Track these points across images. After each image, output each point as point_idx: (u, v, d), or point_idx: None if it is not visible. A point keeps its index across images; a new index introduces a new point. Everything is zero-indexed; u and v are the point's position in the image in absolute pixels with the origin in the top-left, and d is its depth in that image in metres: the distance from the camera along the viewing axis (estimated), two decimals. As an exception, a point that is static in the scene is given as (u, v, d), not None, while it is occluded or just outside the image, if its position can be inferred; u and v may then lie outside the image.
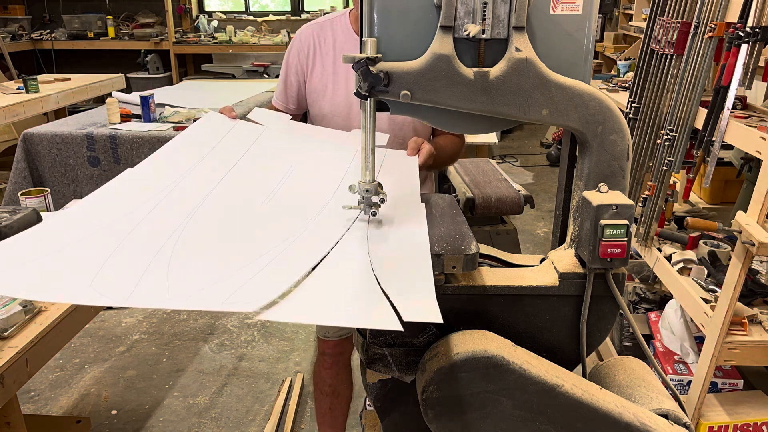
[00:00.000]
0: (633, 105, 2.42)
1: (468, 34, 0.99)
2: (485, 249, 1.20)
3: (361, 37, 1.02)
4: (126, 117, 3.89)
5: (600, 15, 5.88)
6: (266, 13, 7.59)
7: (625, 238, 1.01)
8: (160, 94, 4.79)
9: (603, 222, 1.01)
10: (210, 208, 1.13)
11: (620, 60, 5.00)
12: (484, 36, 1.00)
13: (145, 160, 1.31)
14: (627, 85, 4.17)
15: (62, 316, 1.60)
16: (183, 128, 3.67)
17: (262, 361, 2.71)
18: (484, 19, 0.99)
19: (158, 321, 3.03)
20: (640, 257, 2.40)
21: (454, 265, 1.01)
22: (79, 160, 3.65)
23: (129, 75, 6.69)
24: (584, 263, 1.08)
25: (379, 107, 1.08)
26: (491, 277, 1.12)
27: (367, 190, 1.07)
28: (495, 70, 1.01)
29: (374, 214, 1.10)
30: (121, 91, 5.04)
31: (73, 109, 5.61)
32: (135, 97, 4.00)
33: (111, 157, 3.64)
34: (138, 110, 3.89)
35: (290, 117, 1.71)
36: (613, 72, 5.13)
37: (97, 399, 2.44)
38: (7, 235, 1.71)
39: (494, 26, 1.00)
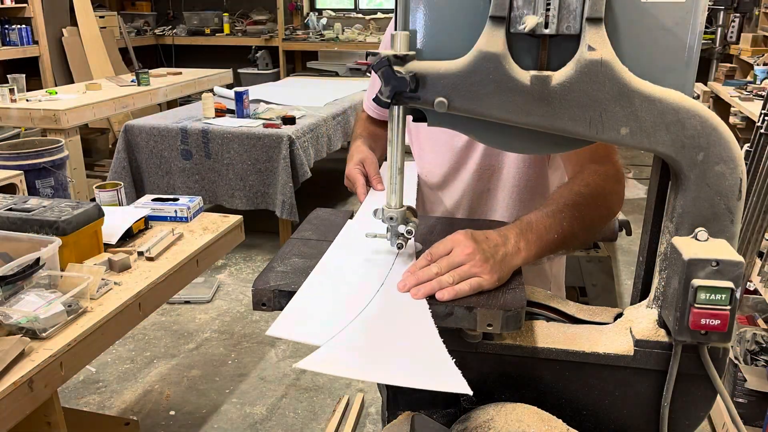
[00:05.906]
0: (767, 118, 2.03)
1: (524, 28, 0.77)
2: (543, 296, 0.97)
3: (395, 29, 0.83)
4: (220, 112, 3.92)
5: (737, 14, 5.23)
6: (375, 11, 7.50)
7: (728, 307, 0.75)
8: (261, 91, 4.82)
9: (697, 282, 0.75)
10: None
11: (758, 65, 4.41)
12: (546, 31, 0.77)
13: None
14: (763, 93, 3.65)
15: (105, 318, 1.53)
16: (273, 125, 3.64)
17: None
18: (548, 9, 0.77)
19: (231, 320, 2.99)
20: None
21: (490, 323, 0.80)
22: (173, 152, 3.70)
23: (240, 70, 6.87)
24: (670, 331, 0.82)
25: (417, 116, 0.88)
26: (546, 335, 0.89)
27: (392, 218, 0.88)
28: (559, 75, 0.78)
29: (400, 247, 0.90)
30: (229, 86, 5.13)
31: (184, 102, 5.82)
32: (232, 92, 4.02)
33: (203, 151, 3.66)
34: (234, 105, 3.91)
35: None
36: (748, 78, 4.56)
37: (159, 397, 2.42)
38: (66, 231, 1.69)
39: (562, 18, 0.77)
